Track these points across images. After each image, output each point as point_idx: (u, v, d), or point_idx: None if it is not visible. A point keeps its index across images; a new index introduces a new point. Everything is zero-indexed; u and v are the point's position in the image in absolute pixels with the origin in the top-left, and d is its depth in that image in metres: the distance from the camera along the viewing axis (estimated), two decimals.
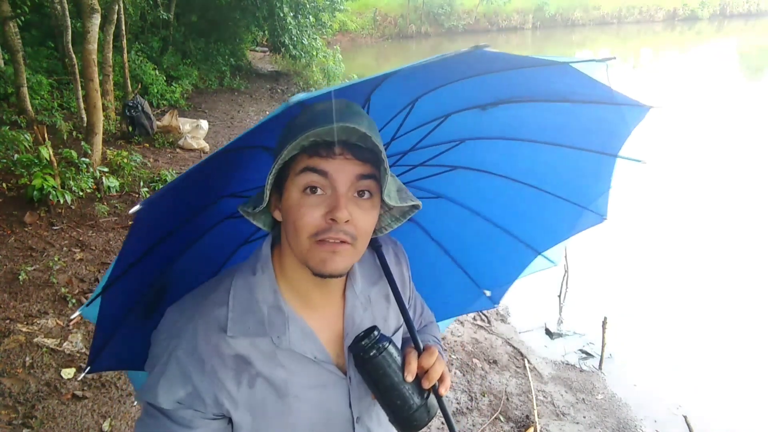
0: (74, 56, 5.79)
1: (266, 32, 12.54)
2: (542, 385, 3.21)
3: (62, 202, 4.10)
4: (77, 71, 5.80)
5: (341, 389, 0.84)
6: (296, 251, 0.77)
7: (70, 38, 5.99)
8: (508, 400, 3.02)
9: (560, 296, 4.04)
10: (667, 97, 10.52)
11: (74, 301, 3.33)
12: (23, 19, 6.23)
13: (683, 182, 6.52)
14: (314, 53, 12.39)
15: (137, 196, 4.96)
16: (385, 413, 0.83)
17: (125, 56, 7.44)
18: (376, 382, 0.80)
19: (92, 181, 4.62)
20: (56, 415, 2.51)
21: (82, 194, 4.45)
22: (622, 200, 1.29)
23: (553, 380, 3.27)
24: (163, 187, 0.69)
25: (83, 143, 5.05)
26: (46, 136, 4.15)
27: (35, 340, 2.94)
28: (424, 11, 24.54)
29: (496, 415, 2.88)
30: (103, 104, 5.76)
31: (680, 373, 3.35)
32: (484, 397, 3.02)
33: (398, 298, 0.91)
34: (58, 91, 7.54)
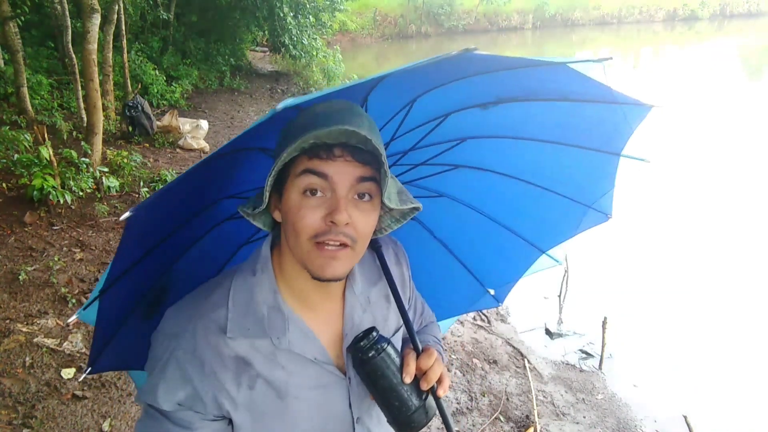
0: (74, 56, 5.79)
1: (266, 32, 12.54)
2: (542, 385, 3.21)
3: (62, 202, 4.10)
4: (77, 71, 5.80)
5: (341, 390, 0.84)
6: (296, 253, 0.77)
7: (70, 38, 6.00)
8: (508, 400, 3.02)
9: (560, 296, 4.04)
10: (667, 96, 10.52)
11: (74, 301, 3.33)
12: (23, 19, 6.22)
13: (684, 181, 6.52)
14: (314, 53, 12.38)
15: (137, 196, 4.96)
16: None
17: (125, 56, 7.44)
18: (374, 383, 0.80)
19: (92, 181, 4.62)
20: (56, 415, 2.51)
21: (82, 194, 4.45)
22: (622, 200, 1.28)
23: (553, 380, 3.27)
24: (153, 193, 0.69)
25: (83, 143, 5.05)
26: (46, 136, 4.14)
27: (35, 340, 2.94)
28: (424, 11, 24.52)
29: (496, 415, 2.88)
30: (103, 104, 5.76)
31: (680, 373, 3.36)
32: (484, 397, 3.02)
33: (397, 298, 0.91)
34: (58, 91, 7.54)
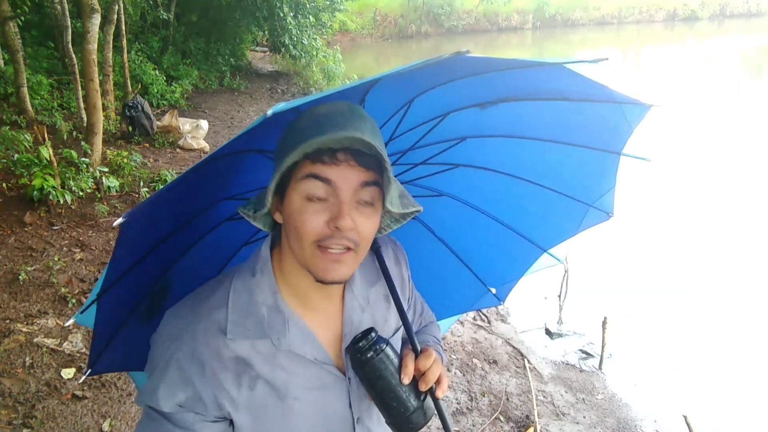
0: (74, 56, 5.79)
1: (266, 32, 12.54)
2: (542, 385, 3.21)
3: (62, 202, 4.10)
4: (77, 71, 5.79)
5: (341, 390, 0.84)
6: (298, 256, 0.77)
7: (70, 38, 5.99)
8: (508, 400, 3.01)
9: (560, 296, 4.04)
10: (667, 96, 10.52)
11: (74, 301, 3.33)
12: (23, 19, 6.23)
13: (685, 180, 6.52)
14: (314, 53, 12.38)
15: (137, 196, 4.96)
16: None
17: (125, 56, 7.43)
18: (372, 383, 0.80)
19: (92, 181, 4.62)
20: (56, 415, 2.51)
21: (82, 194, 4.45)
22: (623, 199, 1.29)
23: (553, 380, 3.26)
24: (147, 198, 0.70)
25: (83, 143, 5.05)
26: (46, 136, 4.15)
27: (35, 340, 2.94)
28: (424, 11, 24.52)
29: (496, 415, 2.88)
30: (103, 104, 5.77)
31: (680, 372, 3.36)
32: (484, 397, 3.02)
33: (396, 299, 0.91)
34: (58, 91, 7.54)
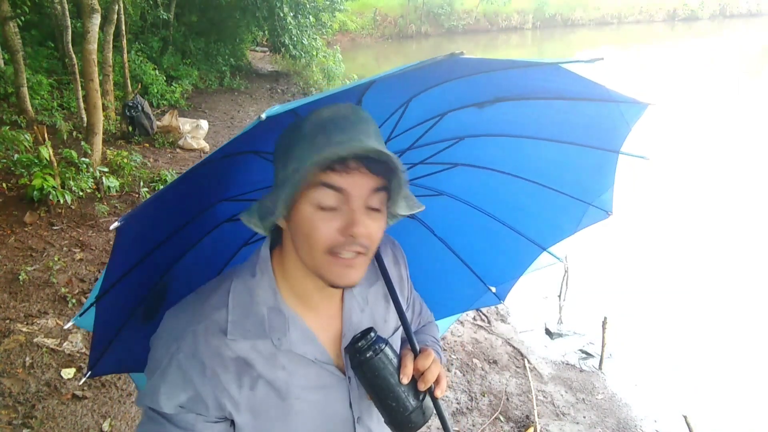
0: (74, 56, 5.79)
1: (266, 32, 12.53)
2: (542, 385, 3.21)
3: (62, 202, 4.10)
4: (77, 71, 5.80)
5: (342, 390, 0.84)
6: (309, 263, 0.76)
7: (70, 38, 5.99)
8: (508, 400, 3.02)
9: (560, 296, 4.04)
10: (667, 95, 10.52)
11: (74, 301, 3.33)
12: (23, 19, 6.23)
13: (684, 180, 6.52)
14: (314, 53, 12.38)
15: (137, 196, 4.96)
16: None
17: (125, 56, 7.44)
18: (371, 383, 0.80)
19: (92, 181, 4.62)
20: (56, 415, 2.51)
21: (82, 194, 4.45)
22: (623, 198, 1.29)
23: (553, 380, 3.26)
24: (144, 201, 0.69)
25: (83, 143, 5.05)
26: (46, 136, 4.15)
27: (35, 340, 2.94)
28: (424, 11, 24.51)
29: (496, 415, 2.88)
30: (103, 104, 5.77)
31: (680, 372, 3.36)
32: (484, 397, 3.02)
33: (395, 299, 0.91)
34: (58, 91, 7.54)
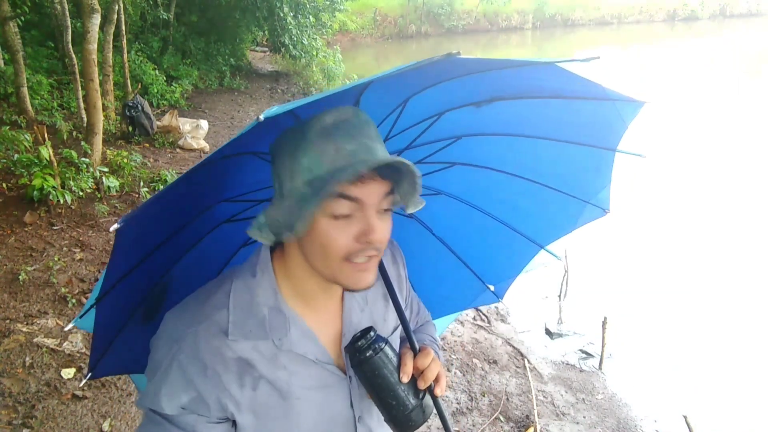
0: (74, 56, 5.80)
1: (266, 32, 12.55)
2: (542, 385, 3.21)
3: (62, 202, 4.10)
4: (77, 71, 5.80)
5: (342, 389, 0.84)
6: (324, 271, 0.76)
7: (70, 38, 6.00)
8: (508, 400, 3.02)
9: (560, 296, 4.04)
10: (667, 94, 10.52)
11: (74, 301, 3.33)
12: (23, 19, 6.24)
13: (684, 179, 6.52)
14: (314, 53, 12.39)
15: (137, 196, 4.96)
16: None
17: (125, 56, 7.44)
18: (371, 382, 0.80)
19: (92, 181, 4.62)
20: (56, 415, 2.51)
21: (82, 194, 4.45)
22: (622, 198, 1.29)
23: (553, 380, 3.27)
24: (143, 203, 0.69)
25: (83, 143, 5.05)
26: (46, 136, 4.15)
27: (35, 340, 2.94)
28: (424, 11, 24.52)
29: (496, 415, 2.88)
30: (103, 104, 5.77)
31: (680, 372, 3.36)
32: (484, 397, 3.02)
33: (394, 298, 0.91)
34: (58, 91, 7.55)
